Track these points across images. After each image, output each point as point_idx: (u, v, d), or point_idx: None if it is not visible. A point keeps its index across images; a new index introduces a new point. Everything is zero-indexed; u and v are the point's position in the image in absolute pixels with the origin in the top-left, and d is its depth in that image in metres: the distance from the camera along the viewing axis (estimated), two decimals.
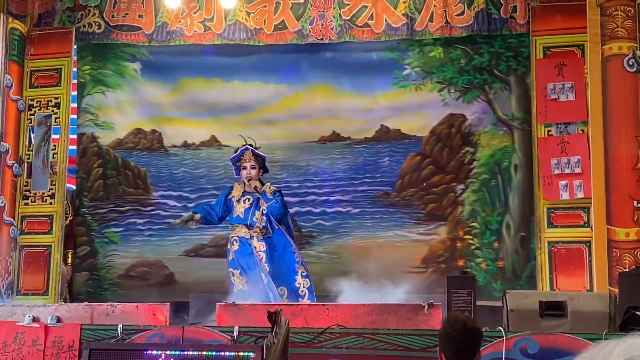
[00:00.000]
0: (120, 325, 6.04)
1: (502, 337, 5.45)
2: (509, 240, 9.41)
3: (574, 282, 7.91)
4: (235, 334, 5.79)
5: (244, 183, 8.33)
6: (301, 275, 8.09)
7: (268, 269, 8.02)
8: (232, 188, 8.42)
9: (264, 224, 8.16)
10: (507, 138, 9.51)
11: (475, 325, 4.12)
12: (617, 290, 6.41)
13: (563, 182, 8.00)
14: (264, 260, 8.05)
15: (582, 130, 8.07)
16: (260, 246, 8.11)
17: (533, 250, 8.96)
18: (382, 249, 9.55)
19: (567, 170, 7.99)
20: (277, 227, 8.20)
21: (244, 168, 8.28)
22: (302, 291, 8.05)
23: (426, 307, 6.10)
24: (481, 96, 9.58)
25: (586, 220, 8.03)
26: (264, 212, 8.17)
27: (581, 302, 5.89)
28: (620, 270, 7.16)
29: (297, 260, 8.15)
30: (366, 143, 9.85)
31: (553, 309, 5.78)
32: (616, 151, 7.63)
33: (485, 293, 8.81)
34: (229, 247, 8.27)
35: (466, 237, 9.53)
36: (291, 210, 9.68)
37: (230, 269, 8.14)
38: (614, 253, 7.53)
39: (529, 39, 8.96)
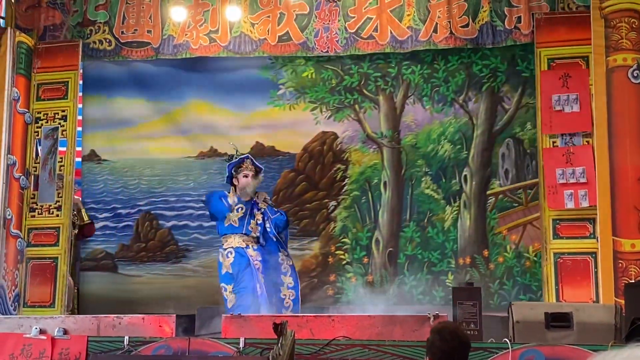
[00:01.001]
0: (126, 337, 6.07)
1: (508, 348, 5.45)
2: (377, 255, 9.75)
3: (580, 293, 7.89)
4: (241, 345, 5.81)
5: (234, 191, 8.18)
6: (287, 286, 7.99)
7: (263, 280, 7.92)
8: (227, 196, 8.26)
9: (257, 234, 8.05)
10: (377, 155, 9.88)
11: (466, 336, 4.15)
12: (622, 302, 6.41)
13: (568, 192, 7.99)
14: (260, 269, 7.94)
15: (587, 142, 8.07)
16: (256, 255, 7.97)
17: (401, 265, 9.50)
18: None
19: (572, 180, 7.99)
20: (273, 239, 8.07)
21: (245, 176, 8.16)
22: (286, 302, 7.94)
23: (432, 319, 6.11)
24: (352, 115, 9.95)
25: (592, 232, 8.02)
26: (258, 222, 8.05)
27: (587, 313, 5.89)
28: (626, 282, 7.16)
29: (284, 271, 8.05)
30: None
31: (559, 320, 5.79)
32: (621, 162, 7.63)
33: (354, 306, 9.06)
34: (221, 260, 8.08)
35: (337, 252, 9.84)
36: (168, 224, 10.16)
37: (223, 284, 7.99)
38: (620, 264, 7.52)
39: (395, 60, 9.63)
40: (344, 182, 9.92)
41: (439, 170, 9.67)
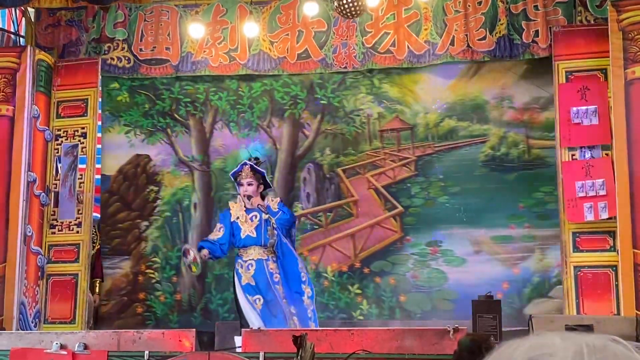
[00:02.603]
0: (146, 352, 6.08)
1: None
2: (186, 274, 9.90)
3: (601, 306, 7.84)
4: (261, 359, 5.80)
5: (243, 200, 8.12)
6: (307, 296, 7.92)
7: (283, 293, 7.85)
8: (229, 210, 8.23)
9: (275, 238, 7.92)
10: (188, 178, 10.16)
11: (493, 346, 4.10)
12: None
13: (587, 204, 7.94)
14: (280, 282, 7.88)
15: (607, 154, 8.03)
16: (275, 267, 7.89)
17: (208, 284, 9.81)
18: None
19: (591, 193, 7.93)
20: (285, 242, 7.96)
21: (241, 185, 8.12)
22: (309, 312, 7.87)
23: (451, 332, 6.08)
24: (164, 138, 10.18)
25: (612, 245, 7.97)
26: (275, 226, 7.93)
27: (608, 326, 5.86)
28: None
29: (303, 279, 7.98)
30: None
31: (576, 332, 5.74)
32: None
33: (162, 323, 9.55)
34: (241, 272, 8.00)
35: (148, 271, 10.03)
36: None
37: (247, 295, 7.91)
38: None
39: (203, 85, 9.93)
40: (156, 203, 10.13)
41: None
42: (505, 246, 9.29)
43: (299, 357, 4.47)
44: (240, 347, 6.49)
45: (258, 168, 8.23)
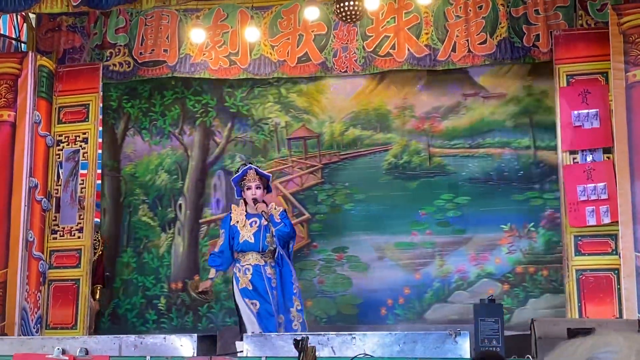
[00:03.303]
0: (148, 357, 6.07)
1: None
2: None
3: (603, 310, 7.83)
4: None
5: (245, 204, 8.05)
6: (296, 308, 7.83)
7: (277, 300, 7.78)
8: (230, 214, 8.17)
9: (274, 246, 7.81)
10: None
11: None
12: None
13: (589, 208, 7.94)
14: (276, 288, 7.82)
15: (608, 157, 8.03)
16: (273, 273, 7.79)
17: (117, 289, 9.92)
18: None
19: (593, 197, 7.93)
20: (281, 253, 7.85)
21: (249, 188, 7.98)
22: (295, 325, 7.75)
23: (454, 336, 6.07)
24: None
25: (614, 248, 7.96)
26: (274, 234, 7.81)
27: (610, 329, 5.82)
28: None
29: (295, 292, 7.89)
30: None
31: (581, 336, 5.73)
32: None
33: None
34: (239, 276, 7.89)
35: None
36: None
37: (245, 299, 7.82)
38: None
39: (116, 93, 10.12)
40: None
41: (155, 198, 10.12)
42: (407, 252, 9.44)
43: None
44: (242, 351, 6.48)
45: (263, 172, 8.20)
